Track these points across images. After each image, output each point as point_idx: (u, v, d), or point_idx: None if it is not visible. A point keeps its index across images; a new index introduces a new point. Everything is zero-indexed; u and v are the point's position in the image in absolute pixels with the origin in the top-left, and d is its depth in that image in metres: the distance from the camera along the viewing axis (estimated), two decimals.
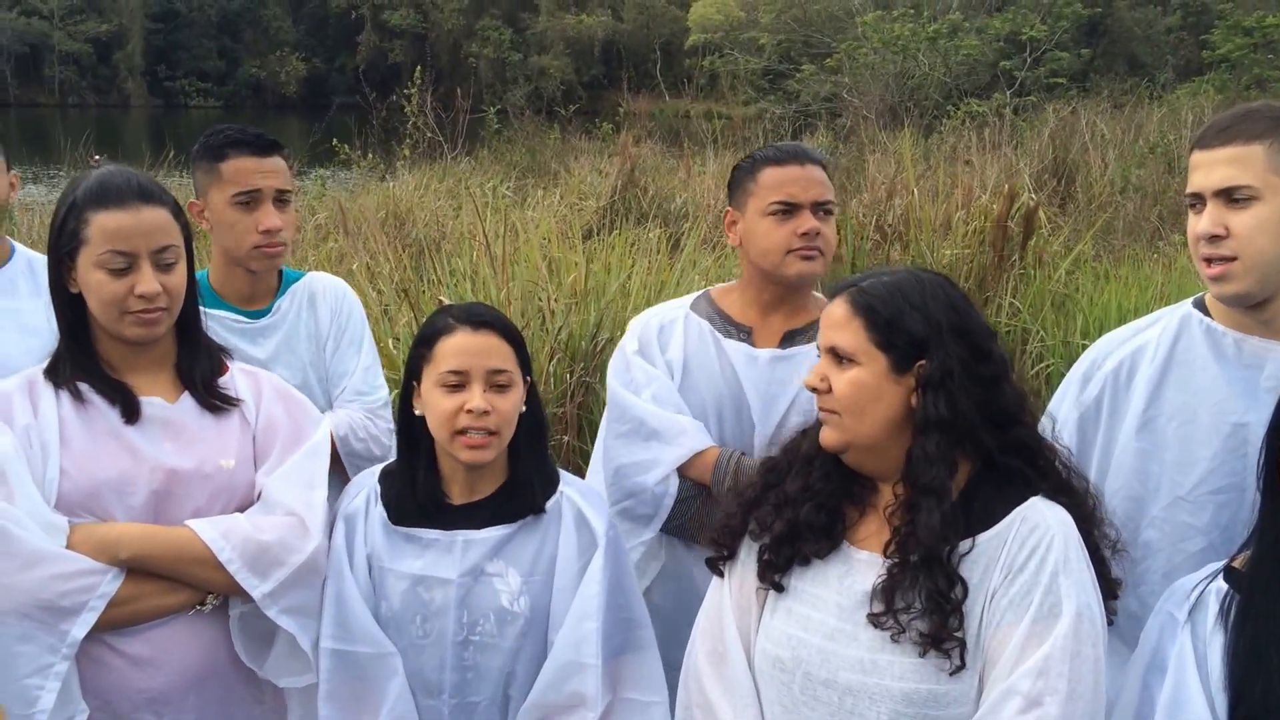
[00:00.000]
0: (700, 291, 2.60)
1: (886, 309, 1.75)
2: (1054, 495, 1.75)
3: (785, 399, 2.38)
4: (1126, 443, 2.05)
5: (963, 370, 1.72)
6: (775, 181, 2.41)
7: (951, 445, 1.72)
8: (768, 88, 22.11)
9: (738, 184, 2.48)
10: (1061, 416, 2.14)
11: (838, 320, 1.78)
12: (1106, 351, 2.15)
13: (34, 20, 49.13)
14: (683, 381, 2.43)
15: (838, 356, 1.78)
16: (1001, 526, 1.71)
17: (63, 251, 1.97)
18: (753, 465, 2.31)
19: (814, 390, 1.80)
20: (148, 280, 1.95)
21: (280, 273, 2.71)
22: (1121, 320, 4.69)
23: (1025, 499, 1.73)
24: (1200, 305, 2.06)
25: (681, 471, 2.35)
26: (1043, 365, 5.17)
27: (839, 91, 18.03)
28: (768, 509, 1.86)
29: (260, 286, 2.65)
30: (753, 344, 2.44)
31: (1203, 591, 1.76)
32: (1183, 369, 2.03)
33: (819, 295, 2.55)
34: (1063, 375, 2.25)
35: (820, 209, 2.41)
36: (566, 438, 4.40)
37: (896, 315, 1.74)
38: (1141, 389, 2.05)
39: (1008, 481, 1.75)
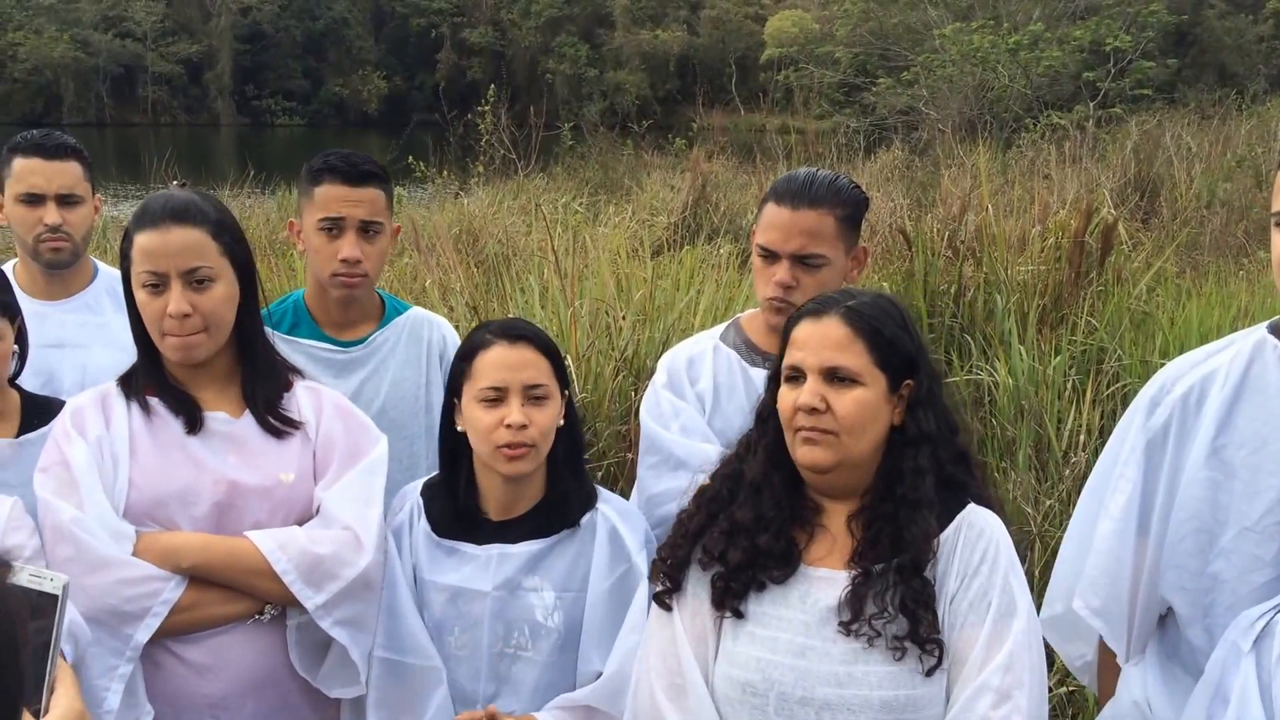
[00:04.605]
0: (731, 320, 2.55)
1: (886, 330, 1.80)
2: (983, 502, 1.83)
3: None
4: (1195, 471, 1.97)
5: (934, 387, 1.83)
6: (766, 221, 2.30)
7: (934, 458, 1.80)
8: (844, 101, 21.94)
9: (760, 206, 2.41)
10: (1130, 442, 2.08)
11: (839, 341, 1.79)
12: (1175, 376, 2.07)
13: (128, 42, 50.73)
14: (713, 411, 2.40)
15: (837, 377, 1.78)
16: (949, 531, 1.78)
17: (124, 270, 2.07)
18: None
19: (812, 411, 1.77)
20: (175, 299, 2.00)
21: (384, 303, 2.68)
22: (1203, 339, 4.54)
23: (963, 505, 1.81)
24: (1275, 330, 1.98)
25: None
26: (1119, 385, 5.02)
27: (916, 105, 17.84)
28: (717, 537, 1.86)
29: (354, 313, 2.60)
30: None
31: (1269, 621, 1.71)
32: (1255, 396, 1.95)
33: None
34: None
35: (802, 262, 2.25)
36: (631, 455, 4.39)
37: (895, 336, 1.80)
38: (1211, 416, 1.97)
39: (945, 489, 1.81)
